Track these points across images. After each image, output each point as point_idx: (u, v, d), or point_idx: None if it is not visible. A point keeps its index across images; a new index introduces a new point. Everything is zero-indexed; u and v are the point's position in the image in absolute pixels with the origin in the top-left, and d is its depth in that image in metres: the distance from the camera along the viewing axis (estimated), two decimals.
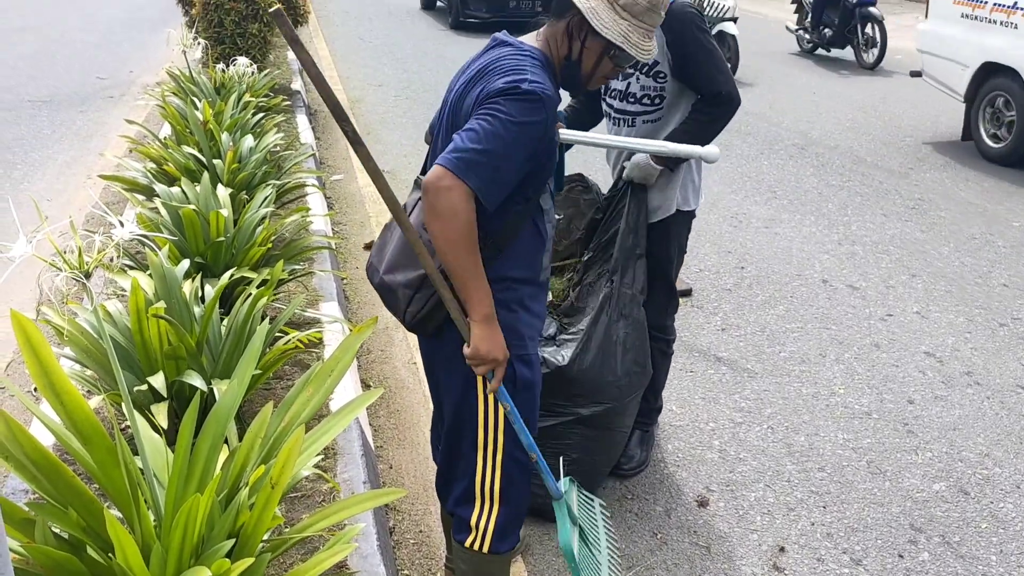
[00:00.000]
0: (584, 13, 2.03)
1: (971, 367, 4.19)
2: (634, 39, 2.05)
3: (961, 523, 3.15)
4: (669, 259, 3.20)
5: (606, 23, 2.03)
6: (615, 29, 2.03)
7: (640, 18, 2.05)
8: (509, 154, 1.93)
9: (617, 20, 2.04)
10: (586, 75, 2.13)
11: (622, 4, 2.04)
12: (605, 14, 2.03)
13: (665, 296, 3.25)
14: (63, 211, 5.70)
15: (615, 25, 2.03)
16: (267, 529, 1.93)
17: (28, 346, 1.84)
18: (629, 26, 2.04)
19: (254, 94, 6.09)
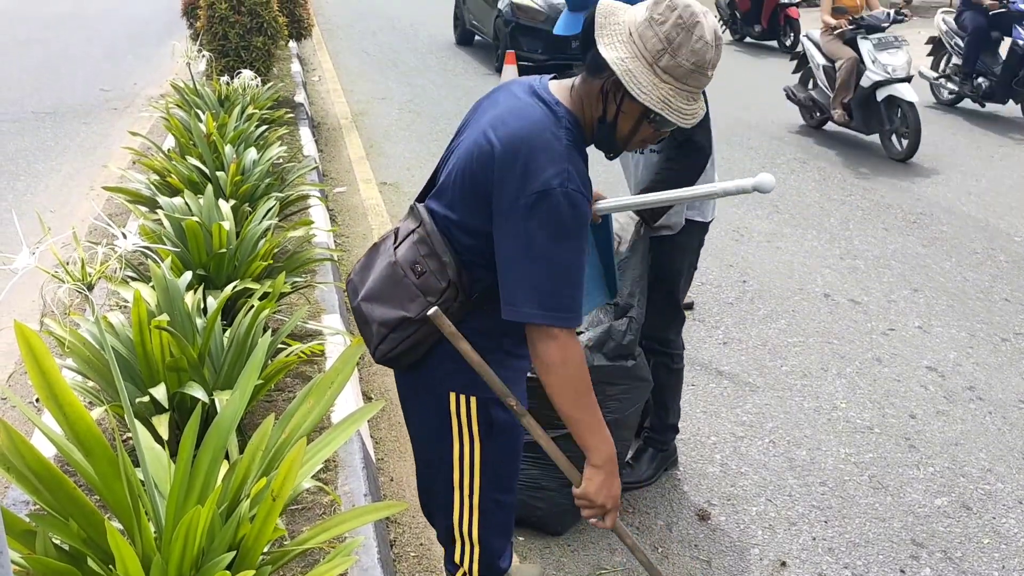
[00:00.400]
0: (620, 76, 1.79)
1: (973, 382, 4.19)
2: (676, 104, 1.81)
3: (963, 538, 3.14)
4: (677, 273, 3.19)
5: (644, 87, 1.79)
6: (654, 94, 1.79)
7: (684, 81, 1.80)
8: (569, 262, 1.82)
9: (657, 84, 1.79)
10: (623, 139, 1.92)
11: (663, 66, 1.78)
12: (644, 77, 1.79)
13: (670, 310, 3.24)
14: (66, 223, 5.71)
15: (654, 90, 1.79)
16: (268, 541, 1.93)
17: (31, 357, 1.84)
18: (671, 90, 1.80)
19: (258, 106, 6.12)
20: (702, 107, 1.86)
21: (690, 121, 1.83)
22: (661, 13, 1.78)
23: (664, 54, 1.78)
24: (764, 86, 10.58)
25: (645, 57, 1.79)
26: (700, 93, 1.85)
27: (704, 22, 1.79)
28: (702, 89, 1.85)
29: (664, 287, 3.19)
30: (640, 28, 1.79)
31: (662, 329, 3.26)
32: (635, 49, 1.80)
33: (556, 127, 1.85)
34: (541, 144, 1.82)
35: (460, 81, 10.68)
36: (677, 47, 1.78)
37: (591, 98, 1.89)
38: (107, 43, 12.77)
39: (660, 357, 3.29)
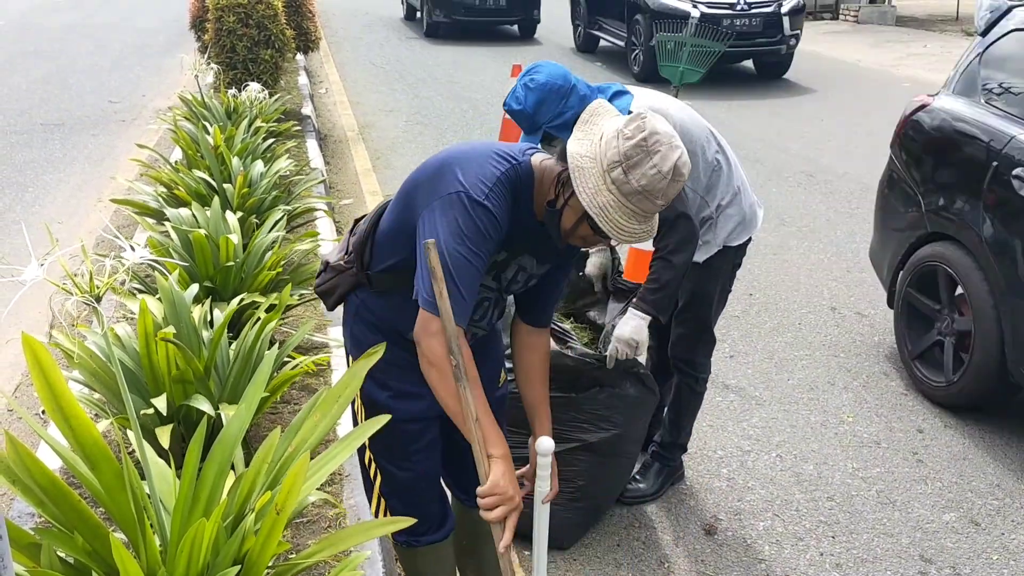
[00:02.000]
0: (571, 170, 1.83)
1: None
2: (613, 216, 1.80)
3: (972, 554, 3.12)
4: (708, 298, 3.15)
5: (588, 189, 1.81)
6: (596, 199, 1.80)
7: (628, 198, 1.80)
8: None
9: (601, 191, 1.80)
10: (564, 231, 1.93)
11: (613, 177, 1.80)
12: (591, 180, 1.81)
13: (699, 333, 3.21)
14: (74, 234, 5.73)
15: (597, 195, 1.80)
16: (273, 555, 1.92)
17: (38, 369, 1.84)
18: (614, 201, 1.80)
19: (265, 119, 6.14)
20: (647, 230, 1.87)
21: (625, 239, 1.85)
22: (631, 130, 1.82)
23: (617, 167, 1.80)
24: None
25: (601, 162, 1.82)
26: (648, 217, 1.86)
27: (666, 154, 1.81)
28: (650, 214, 1.86)
29: (693, 310, 3.16)
30: (608, 136, 1.84)
31: (689, 351, 3.23)
32: (596, 151, 1.84)
33: (502, 165, 1.93)
34: (478, 163, 1.92)
35: (467, 94, 10.71)
36: (632, 166, 1.80)
37: (548, 180, 1.93)
38: (115, 55, 12.84)
39: (685, 378, 3.27)
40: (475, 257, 1.88)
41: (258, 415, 3.09)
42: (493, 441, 1.94)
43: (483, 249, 1.89)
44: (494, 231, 1.89)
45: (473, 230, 1.86)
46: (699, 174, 2.99)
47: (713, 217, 3.04)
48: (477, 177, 1.89)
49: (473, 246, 1.87)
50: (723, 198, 3.05)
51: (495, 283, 2.08)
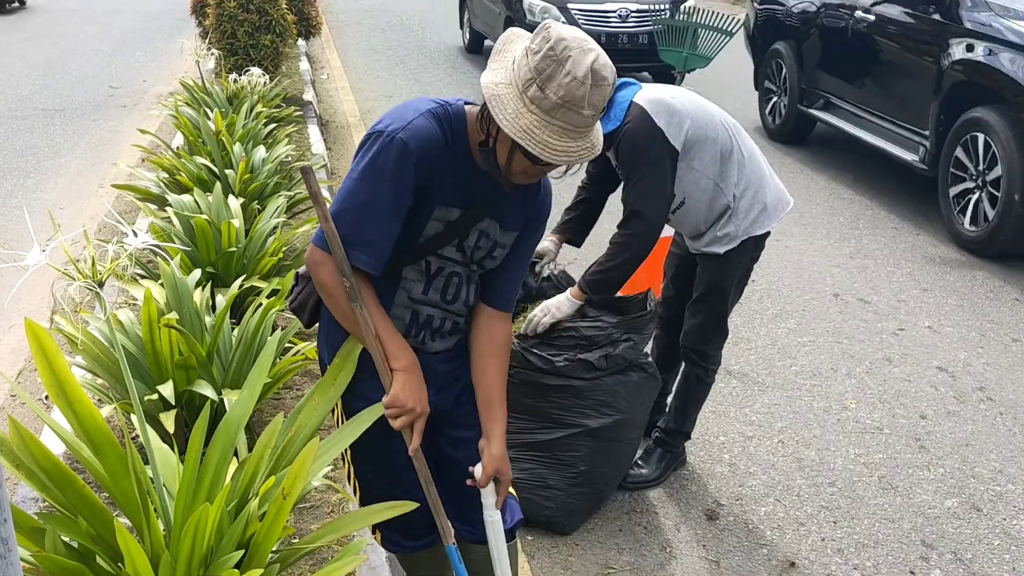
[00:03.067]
0: (487, 100, 1.75)
1: (984, 382, 4.17)
2: (541, 136, 1.72)
3: (973, 540, 3.13)
4: (725, 291, 3.14)
5: (508, 114, 1.73)
6: (517, 123, 1.72)
7: (551, 114, 1.72)
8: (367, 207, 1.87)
9: (522, 113, 1.72)
10: (503, 168, 1.84)
11: (530, 96, 1.72)
12: (510, 104, 1.73)
13: (711, 325, 3.20)
14: (75, 220, 5.73)
15: (517, 118, 1.72)
16: (277, 540, 1.93)
17: (41, 354, 1.84)
18: (537, 121, 1.72)
19: (266, 104, 6.12)
20: (587, 146, 1.77)
21: (559, 158, 1.75)
22: (537, 44, 1.74)
23: (532, 84, 1.72)
24: None
25: (516, 84, 1.75)
26: (582, 132, 1.76)
27: (578, 58, 1.71)
28: (582, 128, 1.75)
29: (709, 302, 3.16)
30: (518, 56, 1.77)
31: (702, 342, 3.22)
32: (510, 76, 1.77)
33: (429, 105, 1.88)
34: (404, 107, 1.90)
35: (468, 79, 10.67)
36: (546, 79, 1.71)
37: (474, 121, 1.88)
38: (116, 40, 12.80)
39: (695, 368, 3.27)
40: (383, 192, 1.84)
41: (261, 401, 3.09)
42: (394, 354, 1.93)
43: (395, 186, 1.84)
44: (410, 166, 1.83)
45: (384, 166, 1.83)
46: (711, 160, 2.98)
47: (731, 207, 3.02)
48: (399, 114, 1.87)
49: (380, 182, 1.84)
50: (741, 186, 3.03)
51: (459, 254, 1.99)
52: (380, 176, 1.84)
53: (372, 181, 1.84)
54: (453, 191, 1.91)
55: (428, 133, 1.85)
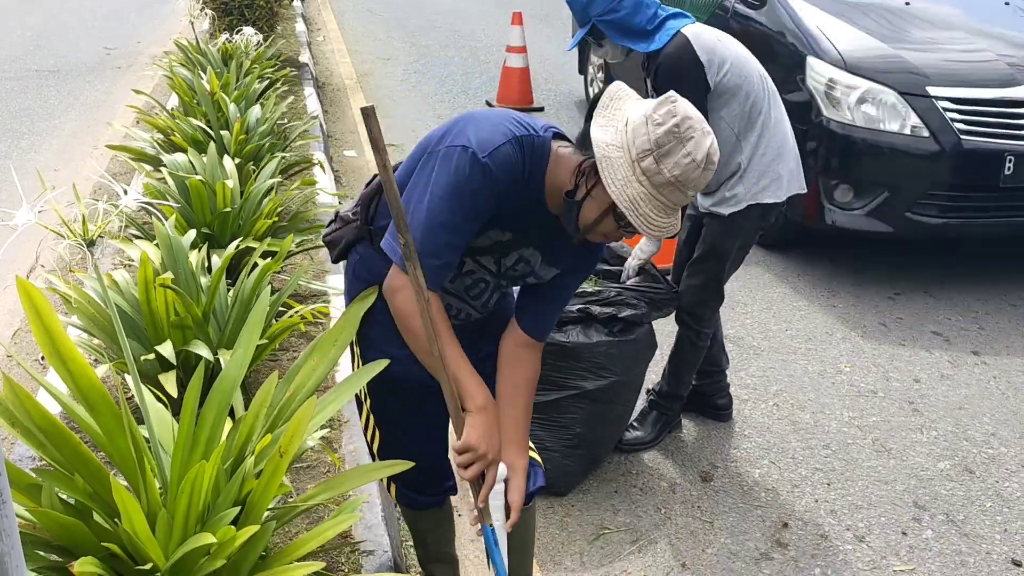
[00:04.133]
0: (597, 160, 1.71)
1: (978, 346, 4.18)
2: (644, 209, 1.70)
3: (966, 501, 3.15)
4: (725, 254, 3.12)
5: (617, 180, 1.69)
6: (625, 191, 1.69)
7: (659, 190, 1.70)
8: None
9: (631, 182, 1.69)
10: (584, 225, 1.81)
11: (643, 167, 1.68)
12: (621, 170, 1.70)
13: (708, 287, 3.19)
14: (70, 181, 5.68)
15: (627, 186, 1.69)
16: (273, 497, 1.94)
17: (34, 313, 1.83)
18: (644, 194, 1.69)
19: (260, 65, 6.07)
20: (675, 223, 1.76)
21: (655, 233, 1.74)
22: (661, 115, 1.70)
23: (648, 156, 1.69)
24: None
25: (630, 151, 1.70)
26: (676, 210, 1.75)
27: (700, 140, 1.70)
28: (679, 206, 1.75)
29: (709, 263, 3.14)
30: (636, 122, 1.72)
31: (697, 304, 3.21)
32: (624, 140, 1.72)
33: (518, 130, 1.81)
34: (492, 123, 1.81)
35: (466, 42, 10.58)
36: (664, 154, 1.69)
37: (568, 169, 1.81)
38: (110, 1, 12.65)
39: (688, 331, 3.26)
40: (460, 214, 1.78)
41: (257, 362, 3.09)
42: (471, 393, 1.86)
43: (472, 208, 1.79)
44: (489, 192, 1.79)
45: (466, 186, 1.77)
46: (739, 113, 2.97)
47: (743, 167, 3.00)
48: (488, 134, 1.78)
49: (459, 203, 1.78)
50: (760, 150, 3.00)
51: (494, 266, 1.98)
52: (462, 197, 1.78)
53: (454, 201, 1.78)
54: (512, 218, 1.88)
55: (511, 164, 1.79)
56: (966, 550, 2.92)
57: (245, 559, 1.87)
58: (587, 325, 3.00)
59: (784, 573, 2.80)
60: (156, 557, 1.74)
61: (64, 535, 1.77)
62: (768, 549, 2.90)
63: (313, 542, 1.91)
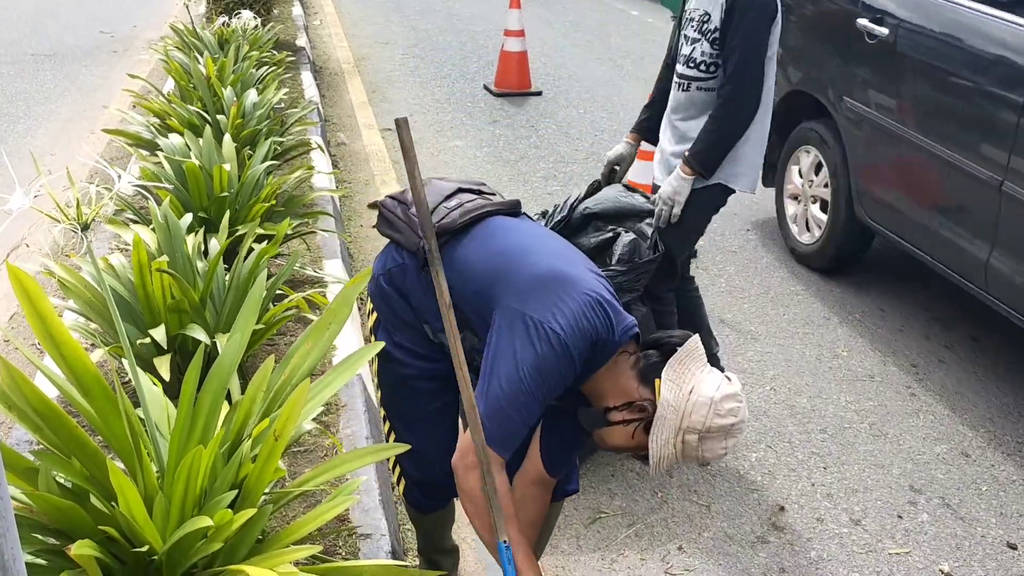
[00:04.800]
0: (655, 418, 1.83)
1: (976, 331, 4.18)
2: (666, 465, 1.87)
3: (961, 485, 3.16)
4: (681, 226, 3.13)
5: (661, 439, 1.82)
6: (663, 450, 1.83)
7: (685, 455, 1.85)
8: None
9: (669, 444, 1.83)
10: (600, 438, 1.95)
11: (686, 439, 1.82)
12: (667, 431, 1.82)
13: (663, 267, 3.18)
14: (66, 165, 5.67)
15: (665, 447, 1.83)
16: (269, 481, 1.94)
17: (26, 297, 1.83)
18: (673, 455, 1.84)
19: (257, 48, 6.04)
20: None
21: (655, 473, 1.91)
22: (726, 408, 1.81)
23: (695, 434, 1.81)
24: None
25: (682, 420, 1.81)
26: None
27: (739, 437, 1.86)
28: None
29: (665, 235, 3.15)
30: (701, 399, 1.81)
31: (656, 286, 3.20)
32: (682, 407, 1.81)
33: (603, 326, 1.85)
34: (580, 304, 1.83)
35: (464, 26, 10.52)
36: (708, 438, 1.81)
37: (617, 387, 1.90)
38: None
39: (652, 303, 3.27)
40: (538, 397, 1.83)
41: (255, 347, 3.09)
42: (524, 571, 1.90)
43: (550, 394, 1.85)
44: (566, 380, 1.86)
45: (551, 376, 1.82)
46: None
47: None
48: (578, 325, 1.82)
49: (548, 390, 1.83)
50: (749, 132, 3.03)
51: None
52: (543, 384, 1.82)
53: (541, 387, 1.82)
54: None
55: (581, 355, 1.84)
56: (962, 533, 2.93)
57: (242, 542, 1.87)
58: None
59: (780, 556, 2.81)
60: (153, 540, 1.75)
61: (61, 518, 1.77)
62: (764, 533, 2.91)
63: (310, 525, 1.91)
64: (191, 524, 1.73)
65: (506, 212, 2.10)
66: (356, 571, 2.00)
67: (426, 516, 2.39)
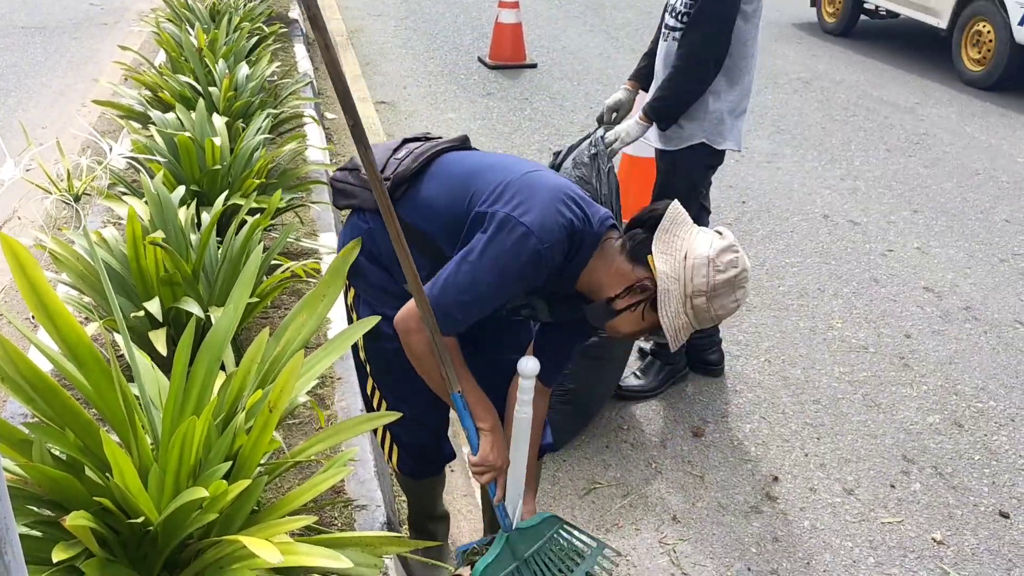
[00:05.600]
0: (659, 292, 1.79)
1: (970, 302, 4.19)
2: (683, 336, 1.82)
3: (954, 455, 3.18)
4: (673, 194, 3.12)
5: (670, 312, 1.79)
6: (675, 322, 1.79)
7: (700, 321, 1.82)
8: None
9: (680, 314, 1.80)
10: (612, 327, 1.91)
11: (694, 304, 1.78)
12: (675, 303, 1.78)
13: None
14: (59, 139, 5.63)
15: (676, 318, 1.79)
16: (264, 452, 1.94)
17: (19, 269, 1.82)
18: (687, 324, 1.81)
19: (250, 21, 5.98)
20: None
21: (676, 346, 1.84)
22: (724, 263, 1.78)
23: (702, 296, 1.78)
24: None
25: (686, 287, 1.78)
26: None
27: (747, 287, 1.83)
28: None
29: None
30: (697, 261, 1.77)
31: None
32: (681, 274, 1.78)
33: (577, 218, 1.84)
34: (551, 201, 1.82)
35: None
36: (715, 296, 1.78)
37: (613, 276, 1.87)
38: None
39: None
40: (499, 292, 1.83)
41: (249, 319, 3.09)
42: (480, 416, 1.96)
43: (512, 289, 1.84)
44: (533, 278, 1.84)
45: (515, 270, 1.80)
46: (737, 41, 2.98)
47: (708, 108, 3.02)
48: (551, 220, 1.80)
49: (502, 282, 1.81)
50: (730, 95, 3.02)
51: (501, 311, 2.02)
52: (506, 279, 1.81)
53: (497, 280, 1.81)
54: (541, 289, 1.93)
55: (560, 250, 1.83)
56: (954, 502, 2.95)
57: (237, 513, 1.88)
58: None
59: (773, 526, 2.83)
60: (148, 511, 1.75)
61: (55, 490, 1.77)
62: (758, 503, 2.93)
63: (305, 495, 1.92)
64: (186, 495, 1.73)
65: (457, 148, 2.11)
66: (352, 541, 2.01)
67: (420, 482, 2.40)
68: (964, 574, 2.67)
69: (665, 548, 2.73)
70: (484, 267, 1.80)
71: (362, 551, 1.99)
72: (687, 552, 2.72)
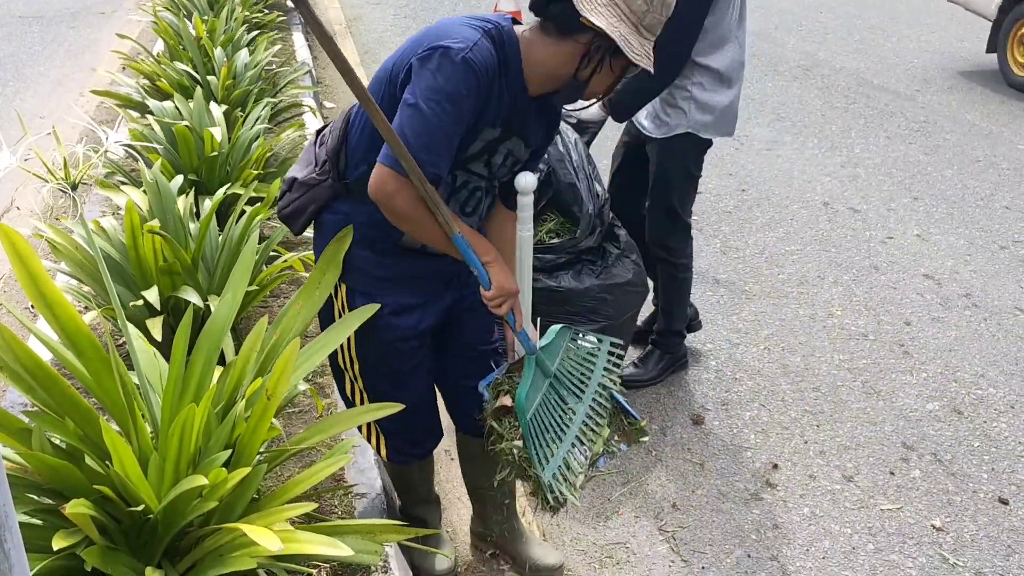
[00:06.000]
0: (618, 43, 1.78)
1: (969, 289, 4.19)
2: (651, 57, 1.84)
3: (953, 442, 3.18)
4: (666, 181, 3.13)
5: (636, 49, 1.80)
6: (643, 52, 1.82)
7: (654, 31, 1.85)
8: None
9: (643, 43, 1.82)
10: (592, 93, 1.94)
11: (646, 25, 1.81)
12: (634, 40, 1.80)
13: (666, 219, 3.19)
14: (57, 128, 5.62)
15: (642, 48, 1.81)
16: (263, 440, 1.94)
17: (17, 258, 1.82)
18: (650, 46, 1.84)
19: (248, 9, 5.96)
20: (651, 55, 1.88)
21: (651, 65, 1.85)
22: None
23: (648, 13, 1.80)
24: None
25: (630, 19, 1.79)
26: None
27: None
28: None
29: (656, 192, 3.16)
30: None
31: (661, 236, 3.23)
32: (619, 12, 1.78)
33: (483, 26, 1.85)
34: (458, 26, 1.85)
35: None
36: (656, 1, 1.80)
37: (562, 57, 1.87)
38: None
39: (665, 265, 3.28)
40: (452, 116, 1.80)
41: (248, 308, 3.08)
42: (481, 250, 1.95)
43: (462, 107, 1.81)
44: (475, 88, 1.81)
45: (452, 86, 1.78)
46: (708, 43, 2.94)
47: (690, 85, 2.97)
48: (460, 35, 1.81)
49: (450, 104, 1.79)
50: (717, 63, 2.97)
51: (486, 170, 2.01)
52: (451, 98, 1.79)
53: (443, 103, 1.79)
54: (497, 112, 1.91)
55: (489, 56, 1.83)
56: (953, 489, 2.96)
57: (237, 501, 1.88)
58: (578, 271, 3.00)
59: (773, 513, 2.83)
60: (148, 499, 1.75)
61: (55, 478, 1.78)
62: (758, 490, 2.93)
63: (306, 483, 1.92)
64: (186, 483, 1.73)
65: None
66: (352, 529, 2.02)
67: (410, 467, 2.38)
68: (963, 560, 2.68)
69: (665, 535, 2.74)
70: (427, 100, 1.79)
71: (362, 538, 1.99)
72: (687, 539, 2.73)
